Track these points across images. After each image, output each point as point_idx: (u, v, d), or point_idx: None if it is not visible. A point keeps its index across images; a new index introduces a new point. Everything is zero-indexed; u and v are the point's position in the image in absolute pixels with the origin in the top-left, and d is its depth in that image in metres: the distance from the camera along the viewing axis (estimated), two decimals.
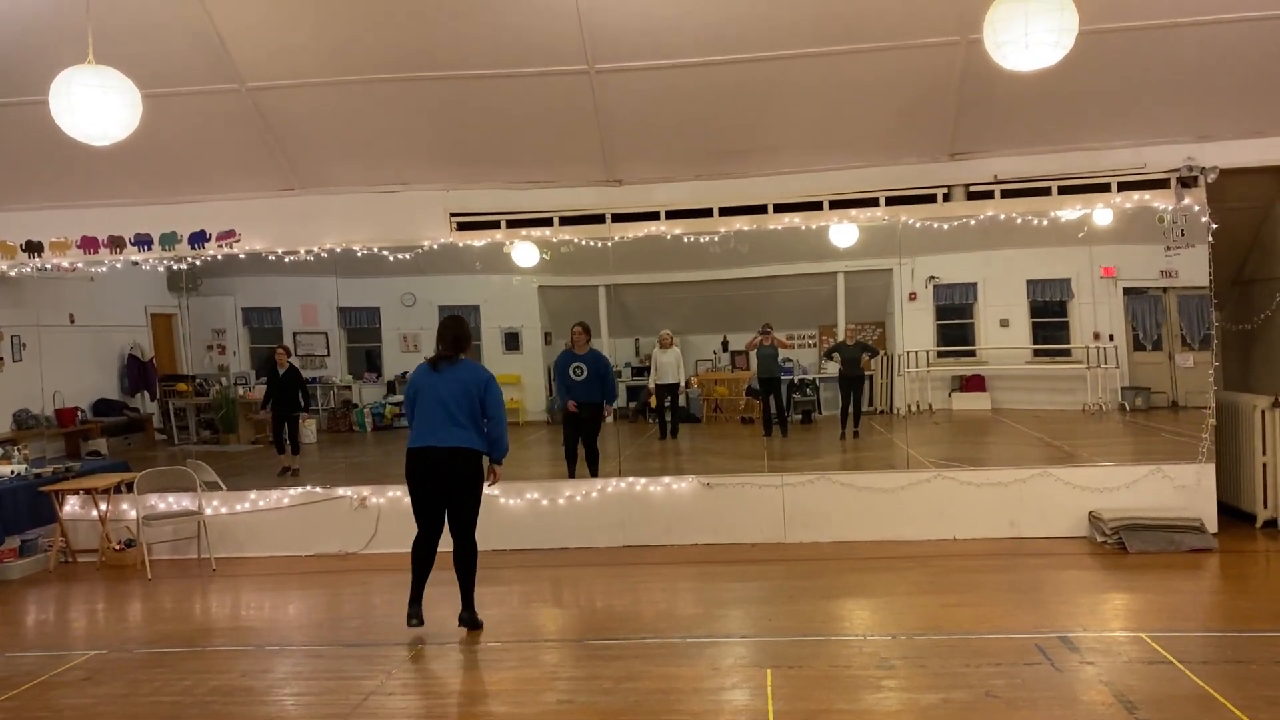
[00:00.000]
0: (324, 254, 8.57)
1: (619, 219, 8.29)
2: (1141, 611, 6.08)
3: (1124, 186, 7.77)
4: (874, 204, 8.05)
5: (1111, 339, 10.40)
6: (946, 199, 7.98)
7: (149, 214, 8.62)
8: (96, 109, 5.30)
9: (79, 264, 8.78)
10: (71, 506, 8.63)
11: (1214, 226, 7.67)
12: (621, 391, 11.70)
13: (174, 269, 9.02)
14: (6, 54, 6.97)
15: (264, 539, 8.55)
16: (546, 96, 7.40)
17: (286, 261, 8.63)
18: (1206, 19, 6.60)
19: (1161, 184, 7.70)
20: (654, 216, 8.26)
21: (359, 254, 8.56)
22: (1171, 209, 7.70)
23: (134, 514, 8.34)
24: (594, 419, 9.07)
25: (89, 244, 8.66)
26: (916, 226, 8.13)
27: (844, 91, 7.34)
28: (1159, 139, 7.68)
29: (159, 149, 7.69)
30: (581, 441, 9.02)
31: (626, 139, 7.82)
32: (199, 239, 8.59)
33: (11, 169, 8.23)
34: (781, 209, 8.13)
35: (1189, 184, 7.61)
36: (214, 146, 8.05)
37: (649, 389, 11.23)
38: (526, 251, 8.86)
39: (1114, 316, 10.47)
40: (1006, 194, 7.91)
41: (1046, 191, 7.87)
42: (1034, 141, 7.79)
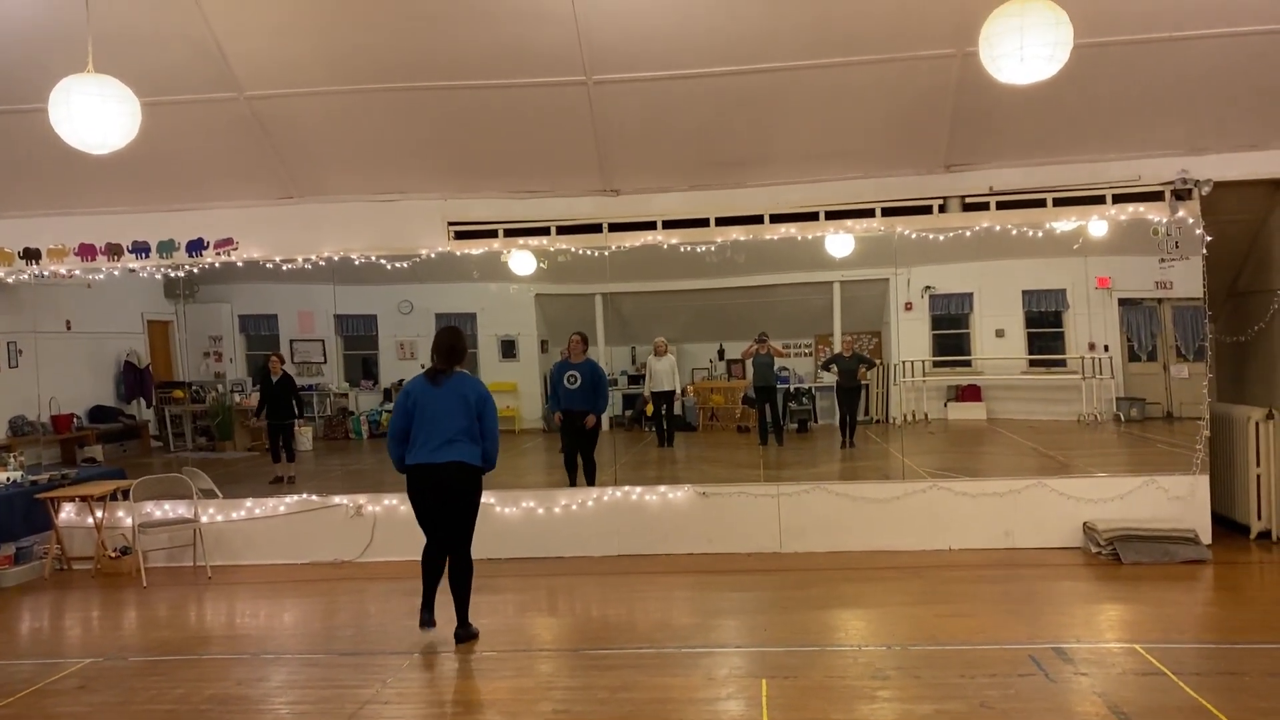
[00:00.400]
0: (321, 262, 8.59)
1: (616, 228, 8.32)
2: (1135, 622, 6.09)
3: (1119, 199, 7.80)
4: (870, 215, 8.08)
5: (1106, 350, 10.44)
6: (942, 210, 8.02)
7: (147, 221, 8.62)
8: (96, 117, 5.32)
9: (76, 271, 8.79)
10: (67, 514, 8.62)
11: (1208, 239, 7.71)
12: (618, 400, 11.71)
13: (171, 276, 9.02)
14: (6, 62, 6.98)
15: (260, 547, 8.54)
16: (544, 107, 7.42)
17: (284, 269, 8.65)
18: (1201, 33, 6.64)
19: (1156, 196, 7.74)
20: (651, 226, 8.29)
21: (356, 262, 8.58)
22: (1166, 221, 7.74)
23: (129, 521, 8.32)
24: (588, 429, 9.04)
25: (87, 251, 8.66)
26: (912, 237, 8.16)
27: (840, 103, 7.38)
28: (1153, 152, 7.72)
29: (158, 157, 7.69)
30: (579, 452, 9.01)
31: (623, 149, 7.86)
32: (197, 247, 8.60)
33: (10, 176, 8.23)
34: (778, 219, 8.16)
35: (1183, 196, 7.65)
36: (212, 155, 8.06)
37: (645, 397, 11.24)
38: (524, 260, 8.89)
39: (1109, 327, 10.52)
40: (1002, 205, 7.94)
41: (1041, 203, 7.90)
42: (1029, 154, 7.82)
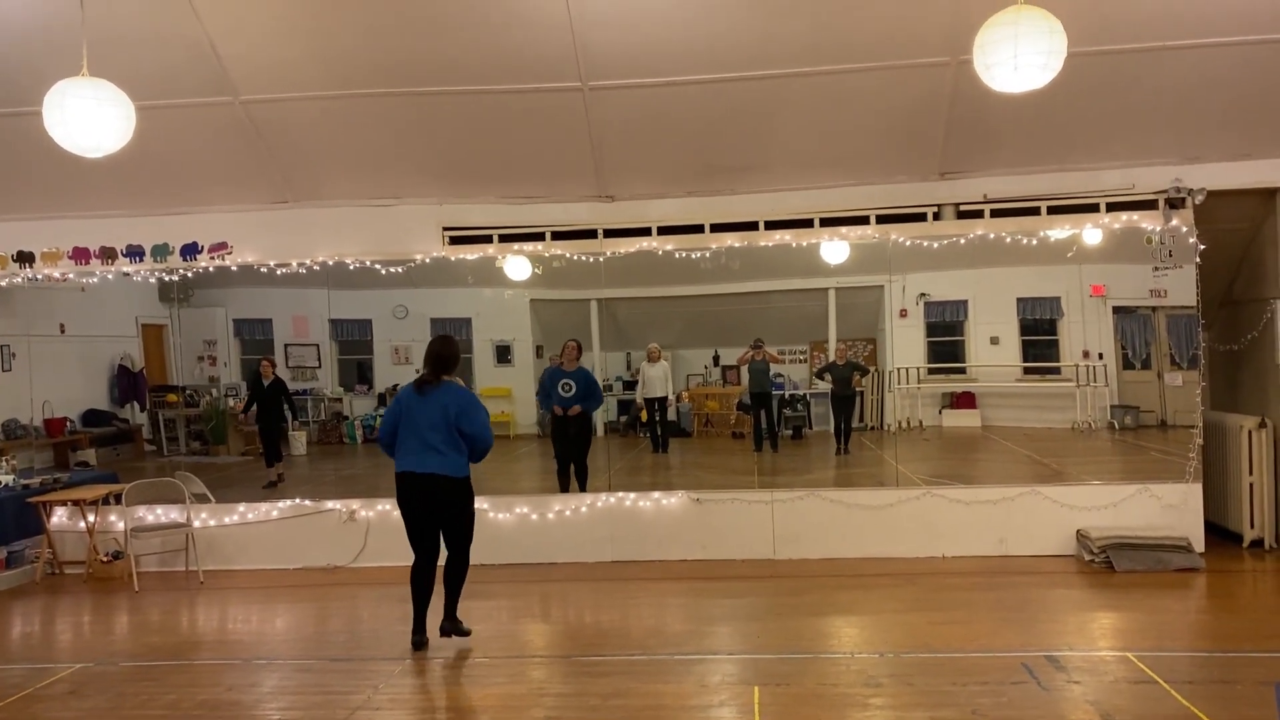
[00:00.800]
0: (316, 266, 8.58)
1: (611, 234, 8.32)
2: (1128, 631, 6.09)
3: (1112, 207, 7.82)
4: (865, 222, 8.09)
5: (1101, 357, 10.44)
6: (937, 218, 8.03)
7: (141, 225, 8.62)
8: (90, 121, 5.33)
9: (70, 274, 8.77)
10: (59, 518, 8.59)
11: (1201, 247, 7.73)
12: (612, 405, 11.69)
13: (165, 280, 9.01)
14: (0, 65, 6.98)
15: (252, 552, 8.52)
16: (540, 112, 7.43)
17: (279, 273, 8.63)
18: (1195, 43, 6.66)
19: (1150, 205, 7.76)
20: (646, 232, 8.30)
21: (351, 266, 8.58)
22: (1160, 230, 7.76)
23: (122, 526, 8.30)
24: (580, 435, 9.02)
25: (81, 255, 8.65)
26: (907, 244, 8.17)
27: (835, 111, 7.39)
28: (1147, 160, 7.74)
29: (152, 161, 7.69)
30: (571, 460, 8.99)
31: (619, 155, 7.86)
32: (191, 250, 8.59)
33: (4, 179, 8.22)
34: (773, 226, 8.17)
35: (1177, 205, 7.67)
36: (207, 159, 8.06)
37: (638, 403, 11.23)
38: (519, 265, 8.89)
39: (1103, 335, 10.52)
40: (996, 213, 7.96)
41: (1036, 211, 7.93)
42: (1023, 162, 7.85)
